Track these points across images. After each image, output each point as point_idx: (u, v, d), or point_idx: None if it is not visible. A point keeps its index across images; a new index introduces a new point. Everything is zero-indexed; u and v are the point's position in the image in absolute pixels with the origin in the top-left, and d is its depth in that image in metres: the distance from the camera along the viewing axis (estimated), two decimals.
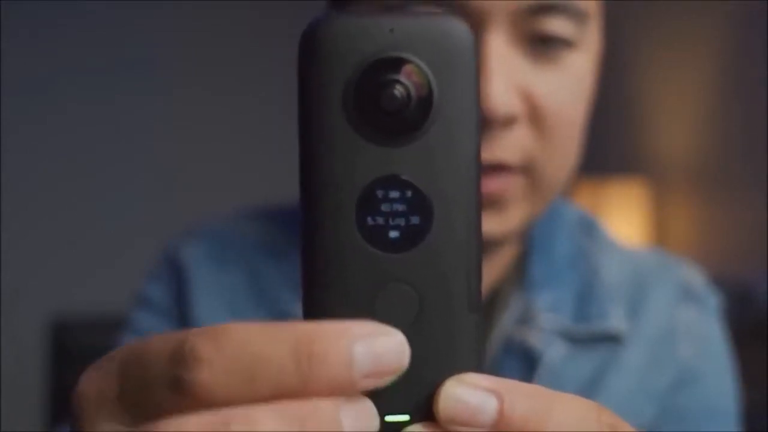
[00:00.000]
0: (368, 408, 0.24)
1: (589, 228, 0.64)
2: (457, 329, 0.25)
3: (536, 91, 0.49)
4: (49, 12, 2.32)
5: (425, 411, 0.25)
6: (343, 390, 0.23)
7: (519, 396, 0.25)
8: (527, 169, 0.50)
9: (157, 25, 2.44)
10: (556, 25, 0.48)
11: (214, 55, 2.49)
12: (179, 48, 2.46)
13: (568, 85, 0.50)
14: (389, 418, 0.25)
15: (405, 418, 0.25)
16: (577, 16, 0.49)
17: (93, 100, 2.38)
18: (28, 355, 2.11)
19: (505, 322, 0.57)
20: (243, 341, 0.23)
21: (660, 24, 2.30)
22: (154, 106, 2.43)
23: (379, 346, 0.23)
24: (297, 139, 0.25)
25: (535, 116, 0.49)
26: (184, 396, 0.23)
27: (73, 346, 1.68)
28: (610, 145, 2.28)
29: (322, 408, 0.23)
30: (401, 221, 0.25)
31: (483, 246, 0.26)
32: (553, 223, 0.62)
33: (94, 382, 0.25)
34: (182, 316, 0.60)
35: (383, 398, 0.25)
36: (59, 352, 1.71)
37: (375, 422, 0.24)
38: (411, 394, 0.25)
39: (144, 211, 2.38)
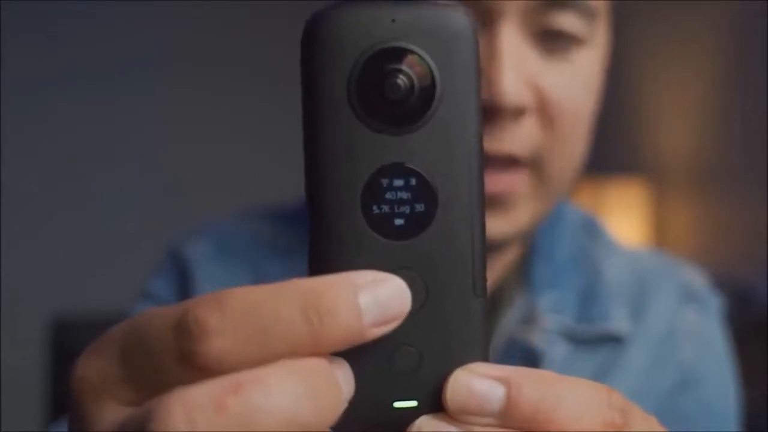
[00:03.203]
0: (347, 366, 0.25)
1: (591, 229, 0.64)
2: (463, 313, 0.26)
3: (546, 84, 0.49)
4: (49, 12, 2.32)
5: (433, 397, 0.25)
6: (353, 342, 0.23)
7: (527, 382, 0.25)
8: (536, 163, 0.51)
9: (157, 25, 2.43)
10: (566, 21, 0.49)
11: (214, 55, 2.49)
12: (179, 48, 2.46)
13: (576, 79, 0.51)
14: (398, 404, 0.25)
15: (413, 404, 0.25)
16: (587, 13, 0.50)
17: (93, 100, 2.37)
18: (28, 355, 2.10)
19: (508, 323, 0.57)
20: (249, 305, 0.23)
21: (660, 24, 2.30)
22: (154, 106, 2.43)
23: (382, 293, 0.24)
24: (298, 139, 0.25)
25: (544, 109, 0.50)
26: (195, 368, 0.22)
27: (73, 346, 1.67)
28: (610, 145, 2.28)
29: (322, 363, 0.23)
30: (406, 209, 0.25)
31: (485, 233, 0.26)
32: (556, 224, 0.62)
33: (93, 364, 0.24)
34: None
35: (392, 384, 0.25)
36: (59, 352, 1.70)
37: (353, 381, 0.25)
38: (419, 380, 0.25)
39: (144, 211, 2.38)
